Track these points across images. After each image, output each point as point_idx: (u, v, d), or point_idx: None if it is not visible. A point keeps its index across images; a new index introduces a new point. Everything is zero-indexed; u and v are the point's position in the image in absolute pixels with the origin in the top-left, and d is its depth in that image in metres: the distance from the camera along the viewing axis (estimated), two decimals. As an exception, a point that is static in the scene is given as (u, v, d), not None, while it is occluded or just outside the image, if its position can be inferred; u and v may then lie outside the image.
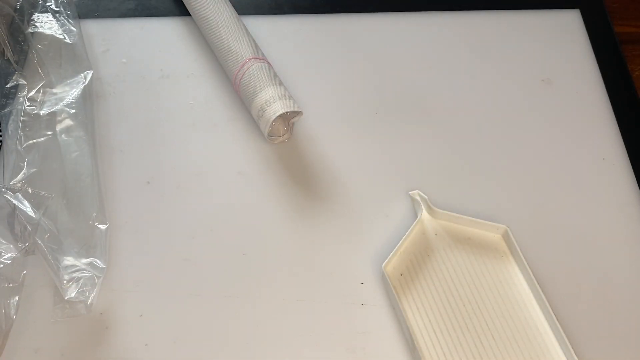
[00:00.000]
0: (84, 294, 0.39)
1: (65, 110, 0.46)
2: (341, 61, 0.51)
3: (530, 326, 0.39)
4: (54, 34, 0.49)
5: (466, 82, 0.51)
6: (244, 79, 0.45)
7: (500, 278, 0.41)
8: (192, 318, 0.40)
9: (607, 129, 0.48)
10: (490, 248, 0.42)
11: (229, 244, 0.43)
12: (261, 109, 0.43)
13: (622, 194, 0.45)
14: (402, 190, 0.45)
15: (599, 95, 0.50)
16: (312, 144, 0.47)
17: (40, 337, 0.39)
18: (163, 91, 0.50)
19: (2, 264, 0.37)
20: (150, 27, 0.53)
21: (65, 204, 0.42)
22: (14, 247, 0.38)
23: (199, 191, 0.45)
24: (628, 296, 0.41)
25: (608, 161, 0.47)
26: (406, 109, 0.49)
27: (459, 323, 0.39)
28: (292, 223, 0.44)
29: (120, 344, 0.39)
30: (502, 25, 0.54)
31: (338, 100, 0.49)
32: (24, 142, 0.44)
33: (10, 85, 0.47)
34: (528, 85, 0.50)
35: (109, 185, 0.45)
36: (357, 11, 0.54)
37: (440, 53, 0.52)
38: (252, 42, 0.47)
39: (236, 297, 0.41)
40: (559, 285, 0.41)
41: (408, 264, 0.41)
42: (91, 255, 0.40)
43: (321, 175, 0.46)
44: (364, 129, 0.48)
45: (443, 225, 0.43)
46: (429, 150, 0.47)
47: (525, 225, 0.44)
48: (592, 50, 0.52)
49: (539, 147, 0.47)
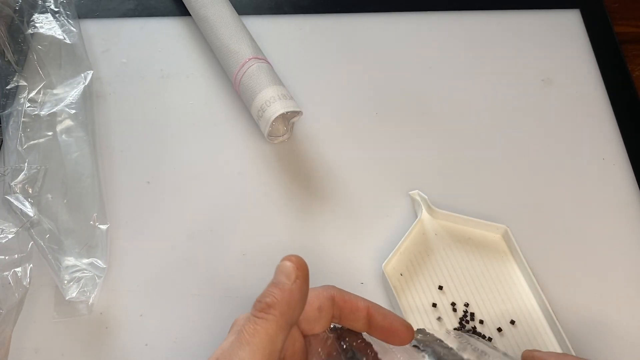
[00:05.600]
0: (85, 294, 0.39)
1: (65, 110, 0.46)
2: (341, 61, 0.51)
3: (530, 326, 0.39)
4: (54, 35, 0.49)
5: (466, 82, 0.51)
6: (244, 79, 0.45)
7: (500, 278, 0.41)
8: (192, 318, 0.40)
9: (607, 129, 0.48)
10: (490, 248, 0.42)
11: (229, 244, 0.43)
12: (261, 109, 0.43)
13: (622, 194, 0.45)
14: (402, 190, 0.45)
15: (599, 95, 0.50)
16: (312, 144, 0.47)
17: (40, 337, 0.39)
18: (163, 91, 0.50)
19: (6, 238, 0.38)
20: (150, 27, 0.53)
21: (66, 204, 0.42)
22: (14, 223, 0.39)
23: (199, 191, 0.45)
24: (628, 296, 0.41)
25: (608, 161, 0.47)
26: (406, 109, 0.49)
27: (458, 323, 0.39)
28: (292, 223, 0.44)
29: (120, 344, 0.39)
30: (502, 25, 0.54)
31: (338, 100, 0.49)
32: (25, 143, 0.44)
33: (11, 87, 0.47)
34: (528, 85, 0.50)
35: (110, 185, 0.45)
36: (357, 11, 0.54)
37: (440, 53, 0.52)
38: (252, 42, 0.47)
39: (236, 297, 0.41)
40: (558, 285, 0.41)
41: (408, 264, 0.41)
42: (92, 256, 0.40)
43: (321, 175, 0.46)
44: (364, 129, 0.48)
45: (443, 225, 0.43)
46: (429, 150, 0.47)
47: (525, 225, 0.44)
48: (592, 50, 0.52)
49: (539, 147, 0.47)
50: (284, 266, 0.28)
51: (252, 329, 0.26)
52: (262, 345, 0.25)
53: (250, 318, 0.26)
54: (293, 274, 0.27)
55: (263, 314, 0.26)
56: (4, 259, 0.38)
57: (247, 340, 0.25)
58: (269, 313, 0.26)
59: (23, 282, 0.38)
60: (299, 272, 0.27)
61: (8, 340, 0.38)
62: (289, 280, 0.27)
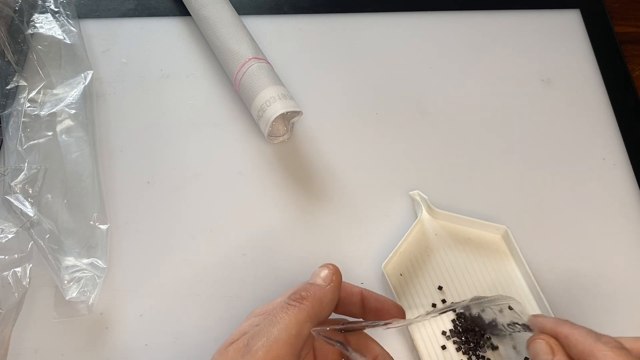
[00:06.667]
0: (85, 294, 0.39)
1: (65, 110, 0.46)
2: (341, 61, 0.51)
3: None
4: (54, 35, 0.49)
5: (466, 82, 0.51)
6: (244, 79, 0.45)
7: (500, 278, 0.41)
8: (192, 318, 0.40)
9: (607, 129, 0.48)
10: (490, 248, 0.42)
11: (229, 244, 0.43)
12: (261, 109, 0.43)
13: (622, 194, 0.45)
14: (402, 190, 0.45)
15: (599, 95, 0.50)
16: (312, 144, 0.47)
17: (40, 337, 0.39)
18: (163, 91, 0.50)
19: (6, 238, 0.38)
20: (150, 27, 0.53)
21: (66, 204, 0.42)
22: (14, 223, 0.39)
23: (199, 191, 0.45)
24: (628, 296, 0.41)
25: (608, 161, 0.47)
26: (406, 109, 0.49)
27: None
28: (292, 223, 0.44)
29: (120, 344, 0.39)
30: (502, 25, 0.54)
31: (338, 100, 0.49)
32: (25, 143, 0.44)
33: (11, 87, 0.47)
34: (528, 85, 0.50)
35: (110, 185, 0.45)
36: (357, 11, 0.54)
37: (440, 53, 0.52)
38: (252, 42, 0.47)
39: (236, 297, 0.41)
40: (558, 286, 0.41)
41: (408, 264, 0.41)
42: (92, 256, 0.40)
43: (321, 176, 0.46)
44: (364, 129, 0.48)
45: (443, 225, 0.43)
46: (429, 150, 0.47)
47: (525, 225, 0.44)
48: (592, 50, 0.52)
49: (539, 147, 0.47)
50: (321, 271, 0.32)
51: (284, 313, 0.29)
52: (290, 326, 0.28)
53: (283, 305, 0.29)
54: (329, 278, 0.31)
55: (297, 303, 0.29)
56: (4, 259, 0.38)
57: (277, 320, 0.28)
58: (301, 303, 0.29)
59: (23, 282, 0.38)
60: (334, 277, 0.31)
61: (7, 340, 0.38)
62: (325, 283, 0.31)
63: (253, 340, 0.28)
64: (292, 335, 0.28)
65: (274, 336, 0.28)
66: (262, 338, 0.28)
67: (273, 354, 0.27)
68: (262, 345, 0.27)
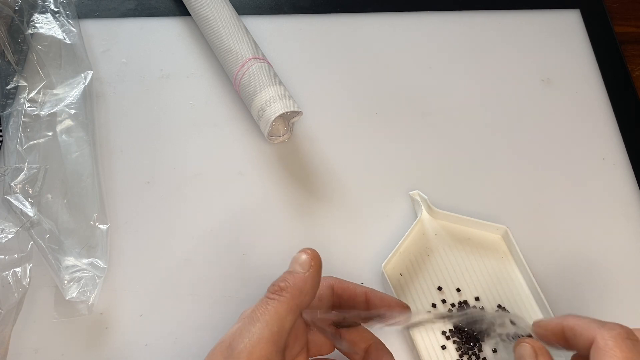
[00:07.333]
0: (85, 294, 0.39)
1: (65, 110, 0.46)
2: (341, 61, 0.51)
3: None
4: (54, 35, 0.49)
5: (466, 82, 0.51)
6: (244, 79, 0.45)
7: (500, 278, 0.41)
8: (192, 318, 0.40)
9: (607, 129, 0.48)
10: (490, 248, 0.42)
11: (229, 244, 0.43)
12: (261, 109, 0.43)
13: (622, 194, 0.45)
14: (402, 190, 0.45)
15: (599, 95, 0.50)
16: (312, 144, 0.47)
17: (40, 337, 0.39)
18: (163, 91, 0.50)
19: (6, 238, 0.38)
20: (150, 27, 0.53)
21: (66, 204, 0.42)
22: (14, 223, 0.39)
23: (199, 191, 0.45)
24: (628, 296, 0.41)
25: (608, 161, 0.47)
26: (406, 109, 0.49)
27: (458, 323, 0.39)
28: (292, 223, 0.44)
29: (120, 344, 0.39)
30: (502, 25, 0.54)
31: (338, 100, 0.49)
32: (25, 143, 0.44)
33: (11, 87, 0.47)
34: (528, 85, 0.50)
35: (109, 185, 0.45)
36: (357, 11, 0.54)
37: (440, 53, 0.52)
38: (252, 42, 0.47)
39: (236, 297, 0.41)
40: (558, 286, 0.41)
41: (408, 264, 0.41)
42: (92, 256, 0.40)
43: (321, 176, 0.46)
44: (364, 129, 0.48)
45: (443, 225, 0.43)
46: (429, 150, 0.47)
47: (525, 225, 0.44)
48: (592, 50, 0.52)
49: (538, 147, 0.47)
50: (299, 257, 0.31)
51: (263, 308, 0.28)
52: (272, 322, 0.28)
53: (263, 299, 0.29)
54: (307, 264, 0.30)
55: (275, 296, 0.29)
56: (4, 259, 0.38)
57: (258, 317, 0.28)
58: (281, 295, 0.28)
59: (23, 282, 0.38)
60: (312, 262, 0.30)
61: (7, 340, 0.38)
62: (303, 270, 0.30)
63: (235, 342, 0.27)
64: (274, 333, 0.27)
65: (256, 336, 0.27)
66: (244, 339, 0.27)
67: (256, 355, 0.27)
68: (244, 347, 0.27)
